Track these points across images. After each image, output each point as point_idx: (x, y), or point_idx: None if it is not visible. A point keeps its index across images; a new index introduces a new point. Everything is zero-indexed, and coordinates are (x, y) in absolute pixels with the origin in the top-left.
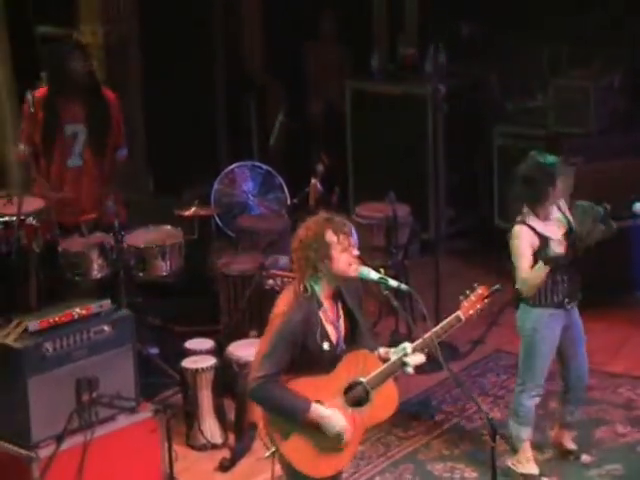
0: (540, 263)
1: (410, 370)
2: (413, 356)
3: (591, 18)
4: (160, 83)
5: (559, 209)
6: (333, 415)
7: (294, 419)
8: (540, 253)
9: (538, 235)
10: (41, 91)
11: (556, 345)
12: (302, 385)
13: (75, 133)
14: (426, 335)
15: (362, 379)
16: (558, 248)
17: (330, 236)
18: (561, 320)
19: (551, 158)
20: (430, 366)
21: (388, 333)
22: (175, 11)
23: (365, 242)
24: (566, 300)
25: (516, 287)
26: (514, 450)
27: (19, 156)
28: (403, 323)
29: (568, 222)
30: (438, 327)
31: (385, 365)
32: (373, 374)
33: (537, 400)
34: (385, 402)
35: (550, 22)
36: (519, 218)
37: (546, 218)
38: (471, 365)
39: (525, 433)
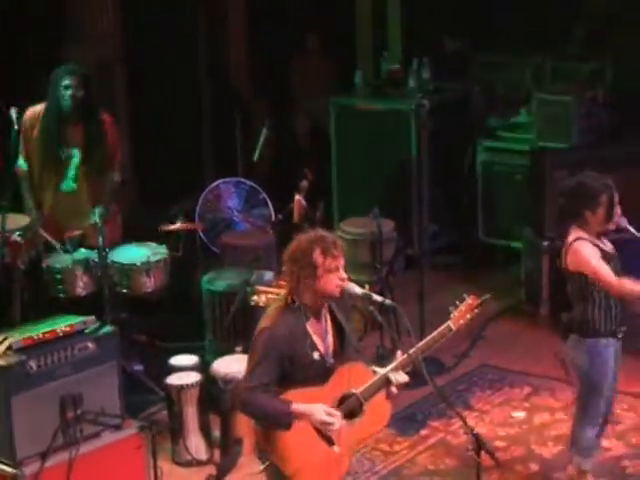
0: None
1: (393, 389)
2: (397, 375)
3: (574, 33)
4: (145, 99)
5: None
6: (312, 406)
7: (280, 423)
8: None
9: (599, 249)
10: (33, 110)
11: (613, 375)
12: (294, 397)
13: (69, 156)
14: (418, 345)
15: (355, 390)
16: None
17: (317, 256)
18: (614, 350)
19: None
20: (415, 381)
21: (373, 348)
22: (160, 28)
23: (350, 258)
24: (619, 327)
25: (563, 318)
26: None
27: (18, 171)
28: (388, 338)
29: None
30: (429, 337)
31: (374, 378)
32: (365, 386)
33: (599, 430)
34: (377, 415)
35: (533, 37)
36: (571, 237)
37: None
38: (456, 379)
39: (588, 464)
